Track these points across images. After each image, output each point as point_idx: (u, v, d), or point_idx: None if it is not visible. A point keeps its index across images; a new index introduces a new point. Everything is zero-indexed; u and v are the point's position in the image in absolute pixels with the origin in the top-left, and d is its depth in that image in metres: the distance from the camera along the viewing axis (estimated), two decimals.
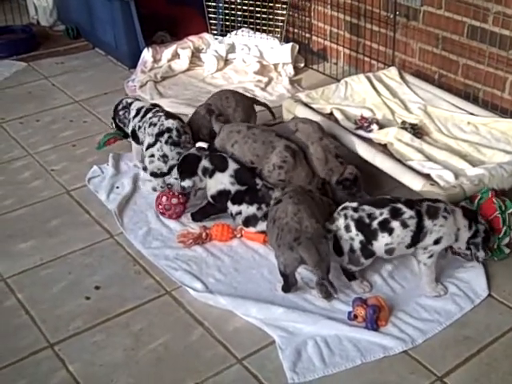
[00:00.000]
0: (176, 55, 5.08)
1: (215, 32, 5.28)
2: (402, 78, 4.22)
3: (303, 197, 2.92)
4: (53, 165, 3.90)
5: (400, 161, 3.39)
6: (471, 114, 3.82)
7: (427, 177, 3.22)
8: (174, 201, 3.34)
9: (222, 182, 3.23)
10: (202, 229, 3.25)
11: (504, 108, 3.97)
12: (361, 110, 3.87)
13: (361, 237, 2.81)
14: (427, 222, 2.81)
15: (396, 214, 2.81)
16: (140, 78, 4.82)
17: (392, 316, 2.75)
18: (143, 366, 2.58)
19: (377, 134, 3.62)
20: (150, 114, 3.61)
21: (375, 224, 2.80)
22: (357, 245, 2.82)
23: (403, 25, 4.43)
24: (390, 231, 2.80)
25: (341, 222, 2.84)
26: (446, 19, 4.14)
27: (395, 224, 2.80)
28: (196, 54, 5.14)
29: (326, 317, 2.74)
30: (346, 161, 3.37)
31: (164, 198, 3.35)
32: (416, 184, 3.19)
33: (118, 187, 3.62)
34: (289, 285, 2.86)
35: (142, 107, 3.70)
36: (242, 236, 3.24)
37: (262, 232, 3.17)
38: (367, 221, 2.81)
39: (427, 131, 3.71)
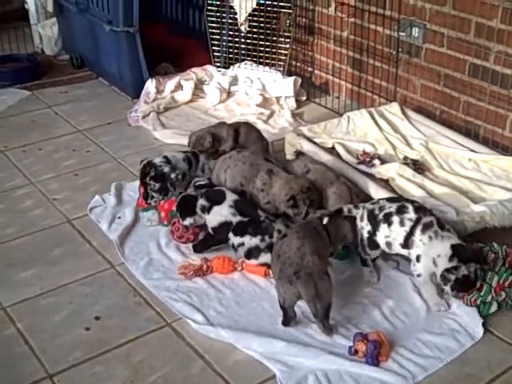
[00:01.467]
0: (179, 86, 5.11)
1: (218, 64, 5.33)
2: (403, 113, 4.26)
3: (309, 231, 2.93)
4: (55, 194, 3.91)
5: (402, 196, 3.40)
6: (472, 150, 3.85)
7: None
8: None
9: (222, 214, 3.25)
10: (203, 261, 3.25)
11: (505, 145, 4.00)
12: (363, 145, 3.90)
13: (369, 227, 3.02)
14: (417, 232, 2.91)
15: (400, 210, 2.97)
16: (143, 108, 4.85)
17: (393, 352, 2.74)
18: None
19: (379, 169, 3.64)
20: None
21: (381, 215, 3.00)
22: (365, 234, 3.04)
23: (405, 61, 4.48)
24: (390, 224, 2.97)
25: (360, 212, 3.07)
26: (448, 57, 4.19)
27: (396, 219, 2.96)
28: (199, 86, 5.17)
29: (327, 351, 2.73)
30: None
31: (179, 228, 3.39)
32: None
33: (119, 217, 3.62)
34: (287, 318, 2.85)
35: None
36: (243, 269, 3.24)
37: (264, 264, 3.17)
38: (377, 212, 3.03)
39: (429, 167, 3.73)
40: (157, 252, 3.37)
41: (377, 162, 3.70)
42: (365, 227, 3.05)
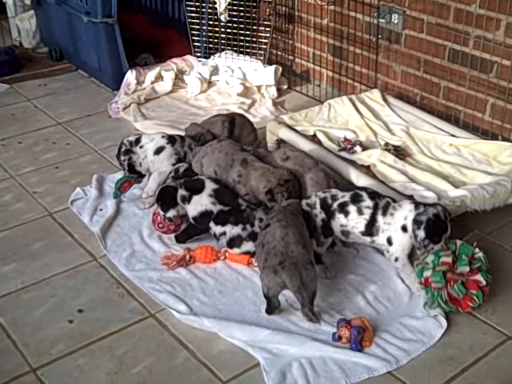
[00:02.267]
0: (159, 77, 5.09)
1: (199, 54, 5.30)
2: (384, 100, 4.26)
3: (291, 220, 2.93)
4: (35, 187, 3.88)
5: (383, 182, 3.41)
6: (453, 135, 3.86)
7: (410, 198, 3.24)
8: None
9: (201, 203, 3.24)
10: (185, 251, 3.24)
11: (485, 130, 4.02)
12: (344, 132, 3.90)
13: (323, 215, 3.03)
14: (379, 218, 2.96)
15: (356, 199, 3.01)
16: (123, 99, 4.82)
17: (376, 337, 2.75)
18: None
19: (360, 156, 3.64)
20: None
21: (335, 205, 3.03)
22: (319, 222, 3.05)
23: (385, 48, 4.48)
24: (346, 214, 3.01)
25: (315, 200, 3.09)
26: (428, 43, 4.19)
27: (352, 208, 3.00)
28: (179, 76, 5.15)
29: (311, 338, 2.73)
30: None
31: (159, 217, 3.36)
32: None
33: (101, 209, 3.61)
34: (271, 307, 2.85)
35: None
36: (225, 258, 3.24)
37: (247, 253, 3.17)
38: (330, 201, 3.05)
39: (410, 153, 3.74)
40: (139, 243, 3.36)
41: (358, 148, 3.70)
42: (318, 215, 3.06)
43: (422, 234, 2.89)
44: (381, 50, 4.52)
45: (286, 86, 5.12)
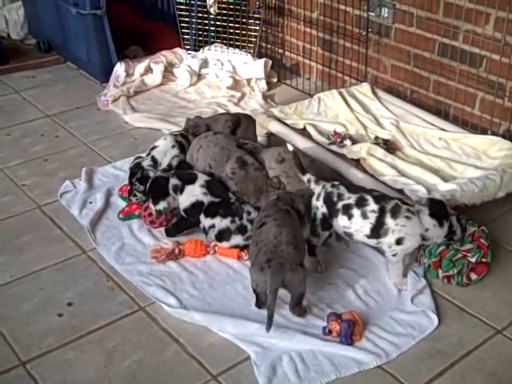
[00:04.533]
0: (149, 70, 5.06)
1: (188, 47, 5.28)
2: (374, 93, 4.26)
3: (287, 219, 2.90)
4: (24, 180, 3.85)
5: (373, 176, 3.42)
6: (442, 129, 3.87)
7: (400, 192, 3.25)
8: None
9: (193, 193, 3.23)
10: (175, 244, 3.23)
11: (474, 124, 4.03)
12: (334, 126, 3.90)
13: (324, 209, 2.98)
14: (389, 220, 2.89)
15: (360, 203, 2.93)
16: (113, 92, 4.79)
17: (366, 330, 2.76)
18: (116, 383, 2.55)
19: (350, 150, 3.64)
20: None
21: (340, 205, 2.96)
22: (319, 215, 2.99)
23: (375, 42, 4.48)
24: (350, 217, 2.94)
25: (317, 189, 3.03)
26: (417, 37, 4.19)
27: (356, 212, 2.93)
28: (169, 69, 5.13)
29: (301, 332, 2.74)
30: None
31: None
32: None
33: (91, 202, 3.59)
34: (260, 302, 2.84)
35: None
36: (215, 252, 3.23)
37: (236, 246, 3.17)
38: (335, 199, 2.97)
39: (399, 146, 3.74)
40: (129, 236, 3.35)
41: (348, 142, 3.70)
42: (320, 208, 3.01)
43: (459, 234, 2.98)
44: (371, 43, 4.52)
45: (275, 80, 5.11)
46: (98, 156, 4.08)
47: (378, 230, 2.92)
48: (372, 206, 2.92)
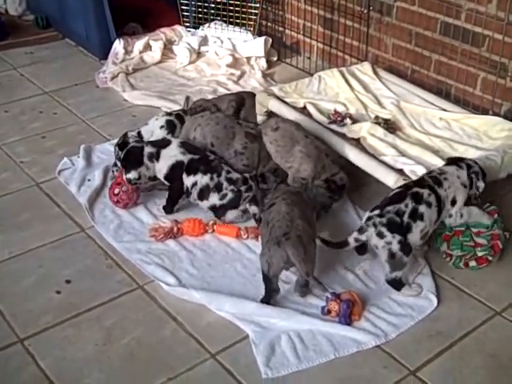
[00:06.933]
0: (148, 47, 5.03)
1: (188, 24, 5.24)
2: (375, 72, 4.22)
3: (296, 198, 2.90)
4: (22, 157, 3.83)
5: (373, 156, 3.39)
6: (443, 109, 3.84)
7: (400, 172, 3.23)
8: (125, 188, 3.32)
9: (171, 155, 3.25)
10: (173, 223, 3.22)
11: (475, 104, 4.00)
12: (334, 105, 3.86)
13: (398, 237, 2.77)
14: (440, 191, 2.91)
15: (418, 198, 2.85)
16: (111, 69, 4.76)
17: (365, 311, 2.76)
18: (115, 361, 2.55)
19: (350, 129, 3.62)
20: None
21: (406, 218, 2.80)
22: (396, 246, 2.77)
23: (377, 20, 4.44)
24: (421, 217, 2.83)
25: (371, 232, 2.80)
26: (419, 15, 4.15)
27: (422, 208, 2.83)
28: (168, 47, 5.09)
29: (300, 311, 2.74)
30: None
31: (116, 189, 3.34)
32: (389, 179, 3.19)
33: (89, 180, 3.57)
34: (270, 292, 2.75)
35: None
36: (214, 231, 3.22)
37: (214, 206, 3.20)
38: (398, 219, 2.79)
39: (400, 126, 3.71)
40: (127, 214, 3.34)
41: (348, 121, 3.67)
42: (392, 240, 2.77)
43: (482, 184, 3.03)
44: (372, 22, 4.47)
45: (275, 58, 5.07)
46: (96, 133, 4.06)
47: (440, 208, 2.90)
48: (425, 191, 2.86)
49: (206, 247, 3.13)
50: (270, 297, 2.76)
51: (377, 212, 2.81)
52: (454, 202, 2.96)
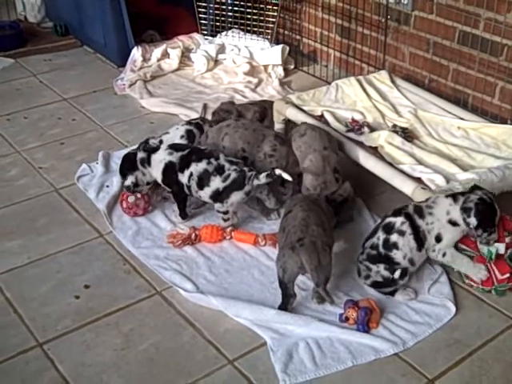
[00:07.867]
0: (166, 54, 5.05)
1: (205, 32, 5.26)
2: (392, 81, 4.23)
3: (313, 206, 2.92)
4: (41, 162, 3.86)
5: (391, 164, 3.39)
6: (461, 118, 3.83)
7: (418, 180, 3.23)
8: (131, 199, 3.34)
9: (160, 159, 3.25)
10: (191, 230, 3.23)
11: (493, 114, 3.99)
12: (351, 113, 3.87)
13: (382, 265, 2.85)
14: (419, 222, 2.84)
15: (388, 229, 2.85)
16: (129, 76, 4.79)
17: (383, 318, 2.75)
18: (133, 366, 2.56)
19: (368, 137, 3.62)
20: None
21: (381, 249, 2.85)
22: (385, 272, 2.85)
23: (394, 29, 4.45)
24: (395, 246, 2.83)
25: (362, 268, 2.92)
26: (437, 24, 4.16)
27: (394, 237, 2.84)
28: (186, 54, 5.11)
29: (318, 319, 2.73)
30: (343, 175, 3.34)
31: (124, 196, 3.38)
32: (407, 187, 3.18)
33: (107, 186, 3.59)
34: (287, 298, 2.75)
35: None
36: (231, 238, 3.23)
37: (216, 191, 3.14)
38: (374, 252, 2.87)
39: (417, 135, 3.71)
40: (145, 220, 3.35)
41: (366, 129, 3.67)
42: (380, 269, 2.87)
43: (473, 221, 2.80)
44: (389, 31, 4.48)
45: (292, 66, 5.08)
46: (114, 140, 4.08)
47: (418, 236, 2.83)
48: (398, 219, 2.84)
49: (223, 254, 3.14)
50: (288, 302, 2.76)
51: (360, 251, 2.95)
52: (438, 239, 2.86)
